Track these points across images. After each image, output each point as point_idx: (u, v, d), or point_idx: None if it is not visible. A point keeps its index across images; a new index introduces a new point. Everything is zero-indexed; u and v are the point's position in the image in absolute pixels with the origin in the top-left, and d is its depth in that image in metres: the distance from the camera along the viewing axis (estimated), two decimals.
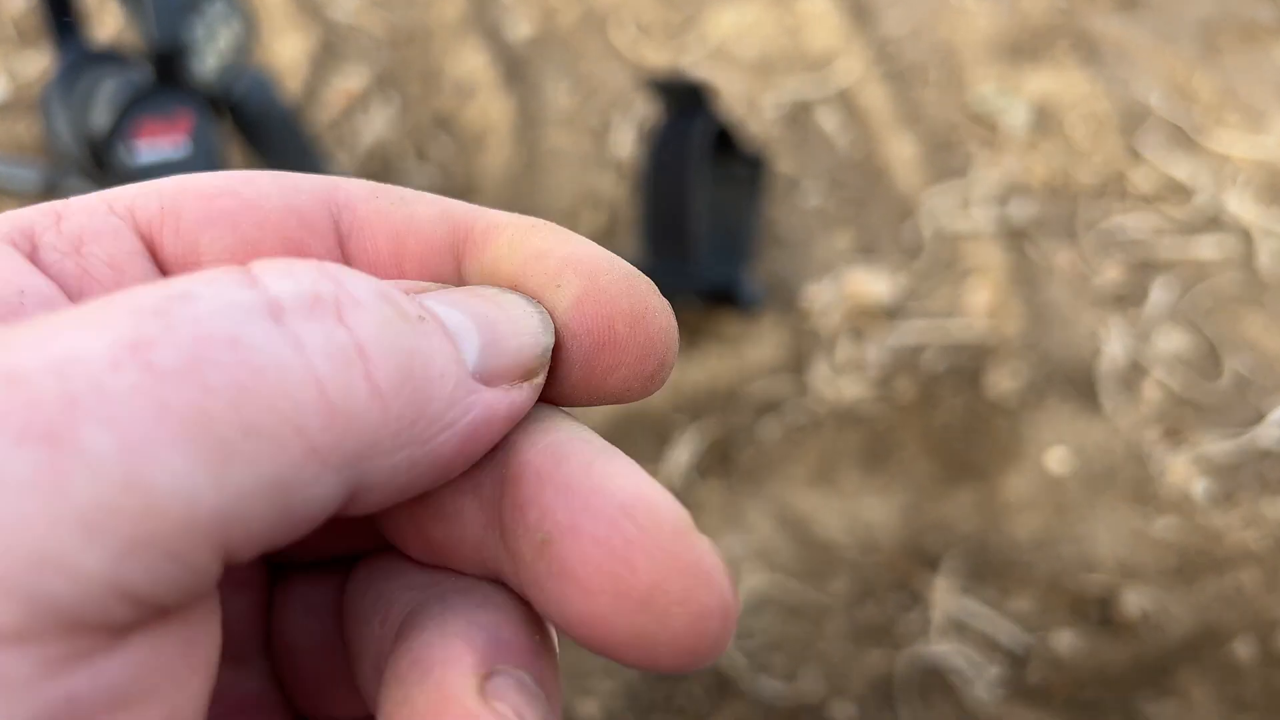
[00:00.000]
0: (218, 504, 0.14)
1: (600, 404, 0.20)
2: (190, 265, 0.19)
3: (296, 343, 0.15)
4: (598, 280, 0.19)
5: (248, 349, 0.14)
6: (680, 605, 0.16)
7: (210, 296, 0.15)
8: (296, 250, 0.19)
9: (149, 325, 0.14)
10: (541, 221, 0.20)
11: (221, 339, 0.14)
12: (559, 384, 0.19)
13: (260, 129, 0.96)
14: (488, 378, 0.17)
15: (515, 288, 0.19)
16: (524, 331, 0.18)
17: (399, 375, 0.15)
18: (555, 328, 0.19)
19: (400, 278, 0.20)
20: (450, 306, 0.18)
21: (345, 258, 0.20)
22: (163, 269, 0.19)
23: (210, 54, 0.89)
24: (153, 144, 0.85)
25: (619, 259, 0.19)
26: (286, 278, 0.15)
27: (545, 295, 0.19)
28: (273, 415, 0.14)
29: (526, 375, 0.18)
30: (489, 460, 0.18)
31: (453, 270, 0.20)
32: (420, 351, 0.16)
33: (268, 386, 0.14)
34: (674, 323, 0.19)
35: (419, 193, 0.21)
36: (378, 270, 0.20)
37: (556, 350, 0.19)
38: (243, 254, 0.19)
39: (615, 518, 0.16)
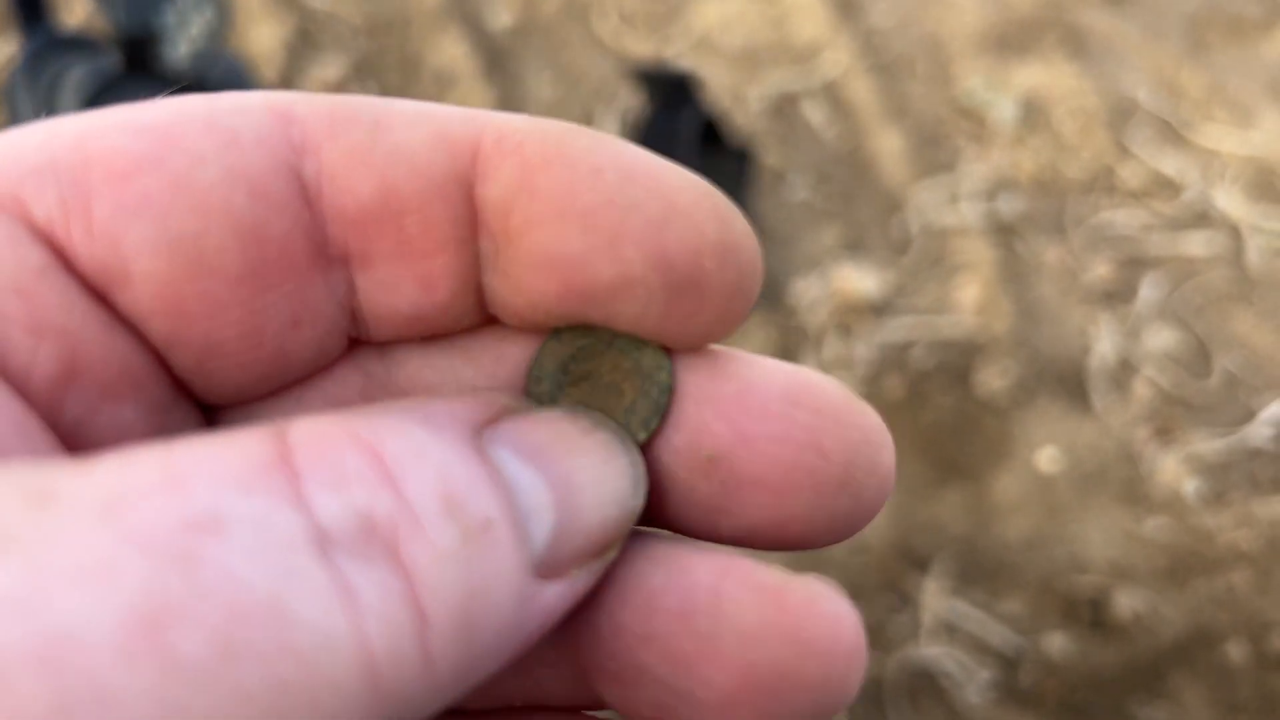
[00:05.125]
0: None
1: (677, 350, 0.16)
2: (118, 280, 0.14)
3: (349, 598, 0.11)
4: (677, 205, 0.14)
5: (293, 623, 0.10)
6: (870, 474, 0.15)
7: (248, 526, 0.11)
8: (254, 239, 0.14)
9: (170, 581, 0.10)
10: (565, 128, 0.15)
11: (261, 607, 0.10)
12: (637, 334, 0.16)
13: None
14: (554, 568, 0.14)
15: (551, 242, 0.14)
16: (609, 500, 0.14)
17: (453, 629, 0.12)
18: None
19: (400, 236, 0.15)
20: (525, 462, 0.14)
21: (320, 224, 0.15)
22: (85, 282, 0.14)
23: (182, 41, 0.86)
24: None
25: (687, 171, 0.15)
26: (336, 491, 0.12)
27: (604, 239, 0.14)
28: (314, 711, 0.11)
29: (599, 554, 0.14)
30: None
31: (464, 210, 0.15)
32: (480, 588, 0.12)
33: (313, 678, 0.10)
34: (759, 251, 0.16)
35: (392, 105, 0.15)
36: (372, 239, 0.15)
37: (631, 308, 0.15)
38: (183, 255, 0.14)
39: (788, 411, 0.15)
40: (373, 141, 0.15)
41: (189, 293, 0.14)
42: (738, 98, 1.16)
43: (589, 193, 0.14)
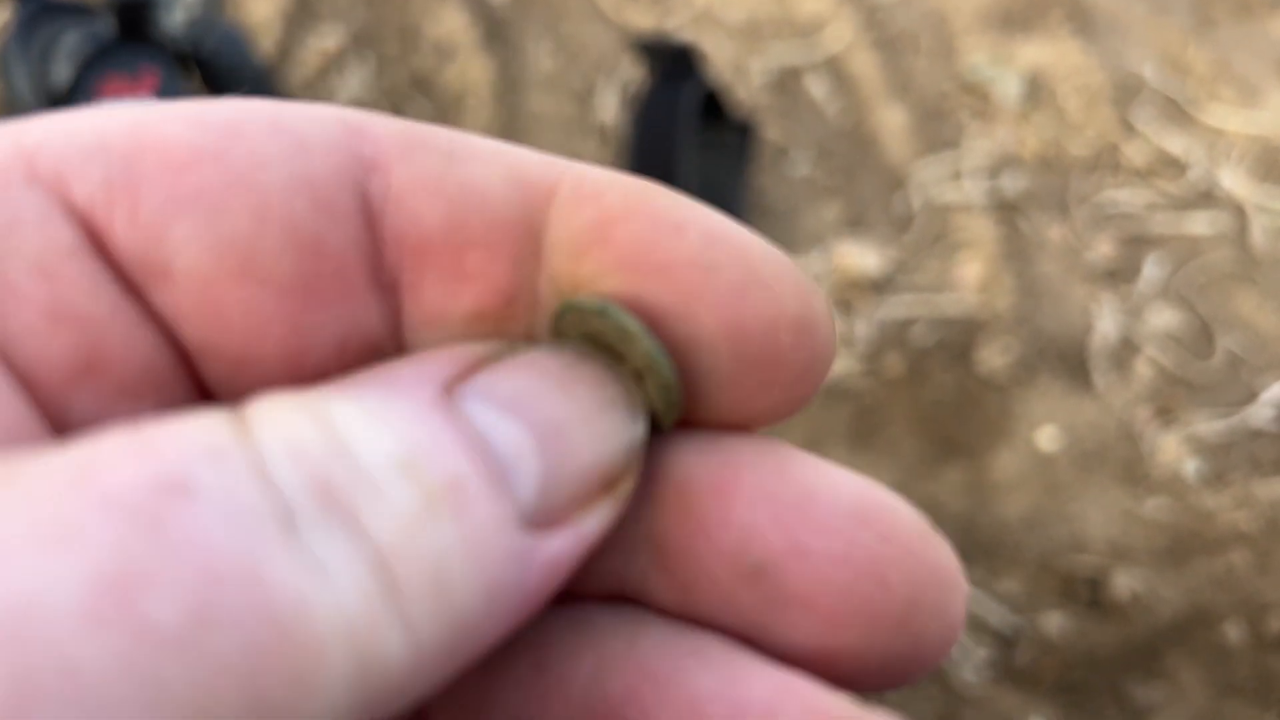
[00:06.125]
0: None
1: (733, 428, 0.14)
2: (157, 274, 0.13)
3: (319, 567, 0.10)
4: (759, 274, 0.13)
5: (269, 590, 0.10)
6: (936, 618, 0.13)
7: (218, 492, 0.10)
8: (309, 249, 0.13)
9: (140, 545, 0.09)
10: (646, 184, 0.14)
11: (235, 572, 0.10)
12: (693, 407, 0.14)
13: (231, 88, 0.92)
14: (550, 517, 0.12)
15: (633, 296, 0.13)
16: (601, 433, 0.13)
17: (430, 594, 0.11)
18: (678, 363, 0.13)
19: (458, 271, 0.14)
20: (501, 411, 0.12)
21: (378, 246, 0.14)
22: (120, 272, 0.13)
23: (178, 7, 0.85)
24: (102, 105, 0.82)
25: (767, 243, 0.14)
26: (295, 463, 0.11)
27: (678, 298, 0.13)
28: (295, 692, 0.10)
29: (608, 489, 0.13)
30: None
31: (530, 253, 0.14)
32: (456, 549, 0.11)
33: (293, 647, 0.10)
34: (836, 332, 0.15)
35: (470, 140, 0.14)
36: (428, 270, 0.14)
37: (692, 369, 0.14)
38: (233, 257, 0.13)
39: (852, 530, 0.13)
40: (446, 170, 0.14)
41: (233, 298, 0.13)
42: (740, 71, 1.15)
43: (668, 249, 0.13)
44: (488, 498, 0.12)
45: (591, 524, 0.13)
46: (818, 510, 0.13)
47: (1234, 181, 1.06)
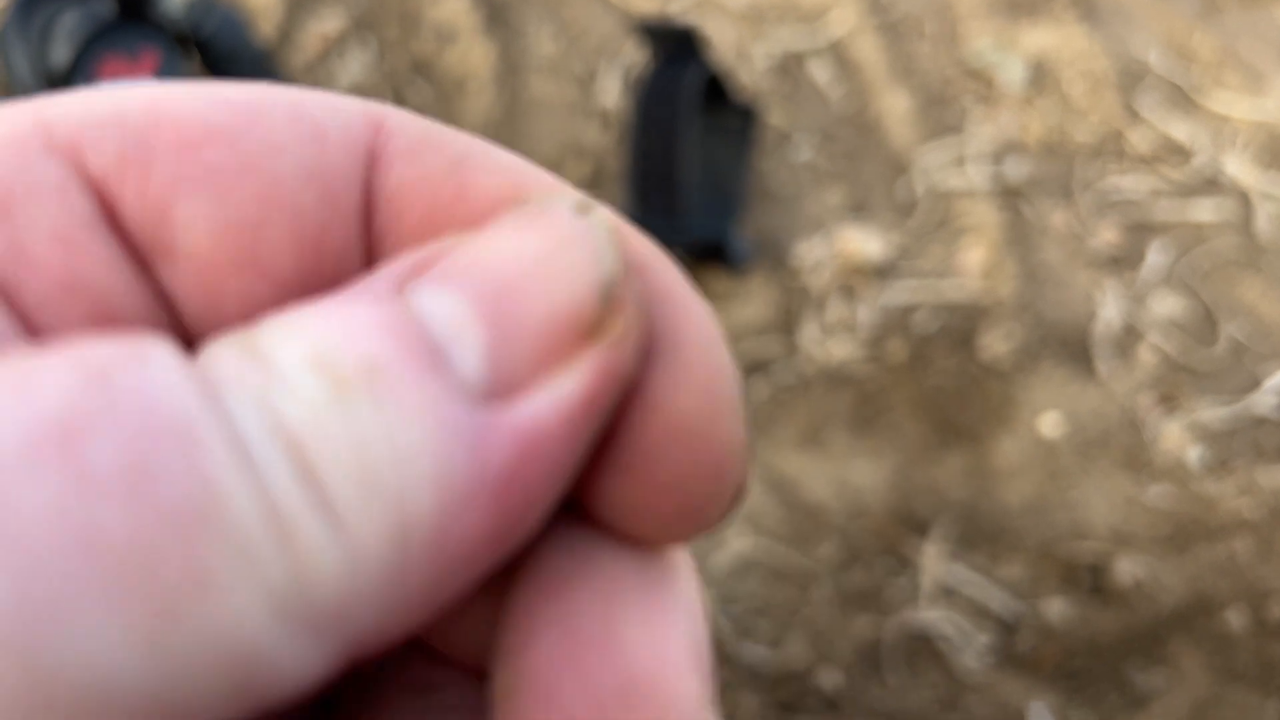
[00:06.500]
0: (153, 684, 0.09)
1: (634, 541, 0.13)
2: (162, 251, 0.13)
3: (242, 447, 0.10)
4: (693, 354, 0.12)
5: (204, 453, 0.10)
6: None
7: (166, 359, 0.10)
8: (312, 244, 0.13)
9: (85, 396, 0.09)
10: (639, 234, 0.13)
11: (174, 432, 0.10)
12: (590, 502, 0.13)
13: (231, 71, 0.92)
14: (509, 384, 0.11)
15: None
16: (558, 276, 0.11)
17: (356, 481, 0.10)
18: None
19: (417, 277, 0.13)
20: (441, 288, 0.11)
21: (369, 242, 0.14)
22: (131, 245, 0.13)
23: None
24: (116, 83, 0.81)
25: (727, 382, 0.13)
26: (228, 374, 0.11)
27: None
28: (229, 555, 0.09)
29: (586, 335, 0.11)
30: None
31: None
32: (382, 435, 0.10)
33: (225, 512, 0.10)
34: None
35: (477, 148, 0.14)
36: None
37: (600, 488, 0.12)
38: (234, 242, 0.13)
39: (607, 700, 0.12)
40: (447, 175, 0.13)
41: (231, 285, 0.13)
42: (742, 55, 1.14)
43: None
44: (417, 379, 0.11)
45: (571, 383, 0.11)
46: (595, 665, 0.12)
47: (1239, 168, 1.05)
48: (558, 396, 0.11)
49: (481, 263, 0.12)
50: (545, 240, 0.12)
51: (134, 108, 0.13)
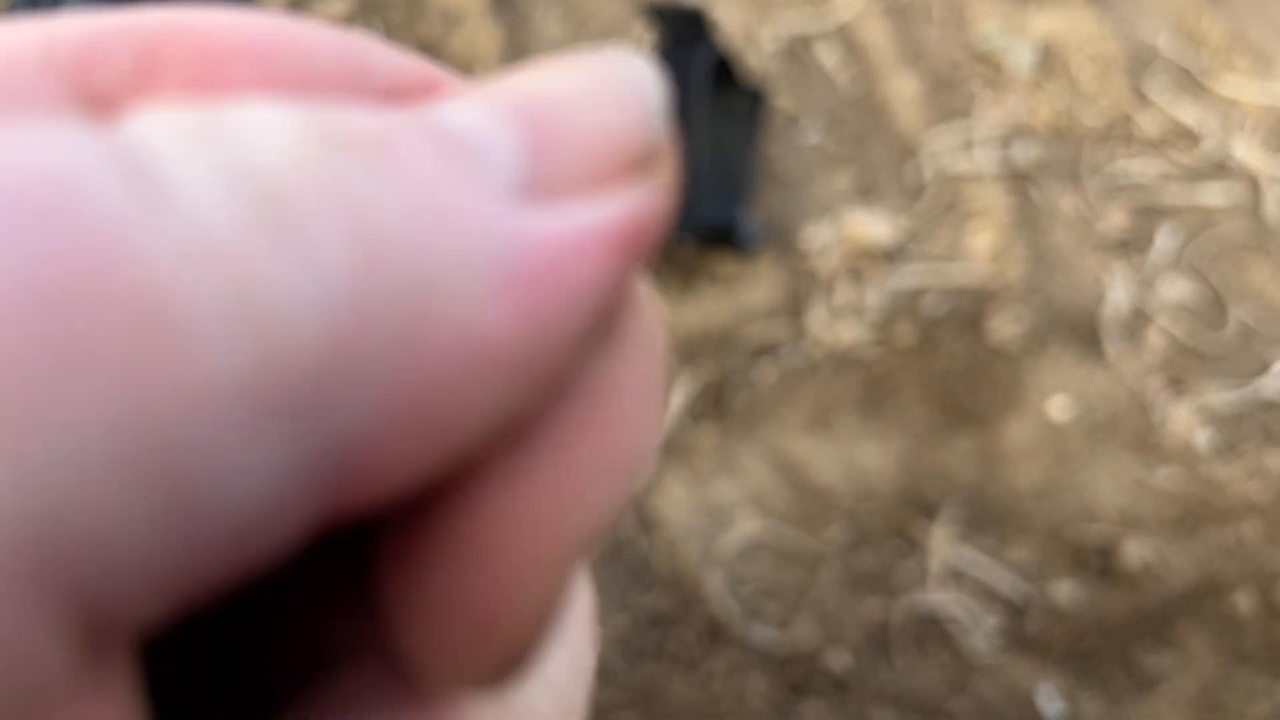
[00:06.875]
0: (35, 508, 0.07)
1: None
2: None
3: (153, 182, 0.08)
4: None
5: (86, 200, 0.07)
6: None
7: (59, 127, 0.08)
8: None
9: None
10: None
11: (61, 182, 0.07)
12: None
13: None
14: (549, 189, 0.09)
15: None
16: (611, 103, 0.10)
17: (347, 248, 0.08)
18: None
19: None
20: (468, 103, 0.10)
21: None
22: None
23: None
24: None
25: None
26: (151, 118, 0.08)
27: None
28: (144, 318, 0.07)
29: (633, 167, 0.10)
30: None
31: None
32: (378, 199, 0.08)
33: (134, 264, 0.07)
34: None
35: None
36: None
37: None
38: None
39: None
40: None
41: None
42: (750, 38, 1.14)
43: None
44: (435, 158, 0.09)
45: (617, 206, 0.09)
46: None
47: (1247, 152, 1.05)
48: (600, 215, 0.09)
49: (519, 87, 0.10)
50: (594, 76, 0.10)
51: (151, 21, 0.11)
